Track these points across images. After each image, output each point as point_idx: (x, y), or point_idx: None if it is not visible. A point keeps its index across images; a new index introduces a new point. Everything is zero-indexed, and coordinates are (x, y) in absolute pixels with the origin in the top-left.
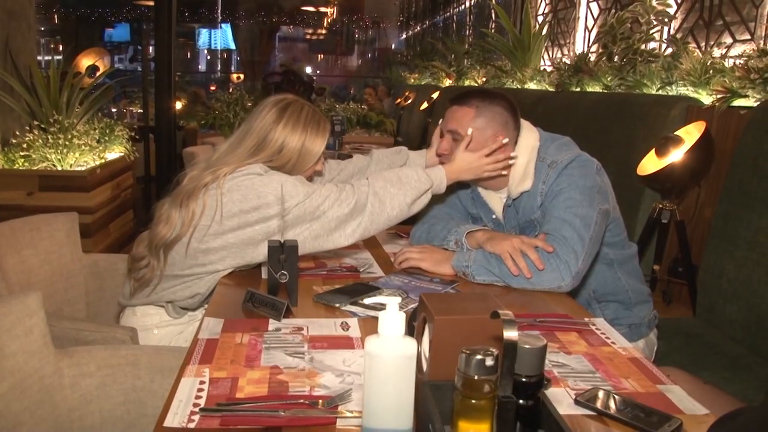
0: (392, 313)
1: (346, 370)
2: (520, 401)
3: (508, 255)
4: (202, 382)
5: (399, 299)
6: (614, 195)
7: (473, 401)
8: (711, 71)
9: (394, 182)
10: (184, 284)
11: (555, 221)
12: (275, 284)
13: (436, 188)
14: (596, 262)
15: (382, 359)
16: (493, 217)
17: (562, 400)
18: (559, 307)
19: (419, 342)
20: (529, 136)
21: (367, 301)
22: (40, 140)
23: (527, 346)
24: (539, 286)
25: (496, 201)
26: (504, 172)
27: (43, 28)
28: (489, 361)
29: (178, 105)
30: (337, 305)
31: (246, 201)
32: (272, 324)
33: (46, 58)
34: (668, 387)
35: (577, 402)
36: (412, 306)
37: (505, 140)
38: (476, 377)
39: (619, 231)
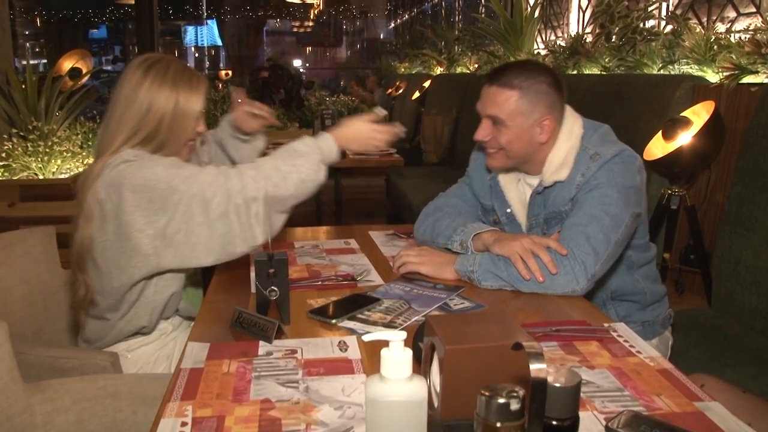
0: (397, 352)
1: (345, 401)
2: None
3: (518, 257)
4: (183, 423)
5: (404, 335)
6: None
7: None
8: (716, 47)
9: (285, 158)
10: (125, 320)
11: (582, 216)
12: (265, 301)
13: (327, 158)
14: (618, 264)
15: (387, 407)
16: (508, 210)
17: (591, 427)
18: (575, 311)
19: (427, 371)
20: (574, 123)
21: (367, 338)
22: (19, 148)
23: (558, 385)
24: (552, 291)
25: (513, 193)
26: (387, 137)
27: (27, 32)
28: (514, 405)
29: None
30: (333, 322)
31: (123, 200)
32: (263, 347)
33: (32, 62)
34: (707, 404)
35: (608, 429)
36: (416, 319)
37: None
38: (499, 424)
39: (644, 233)
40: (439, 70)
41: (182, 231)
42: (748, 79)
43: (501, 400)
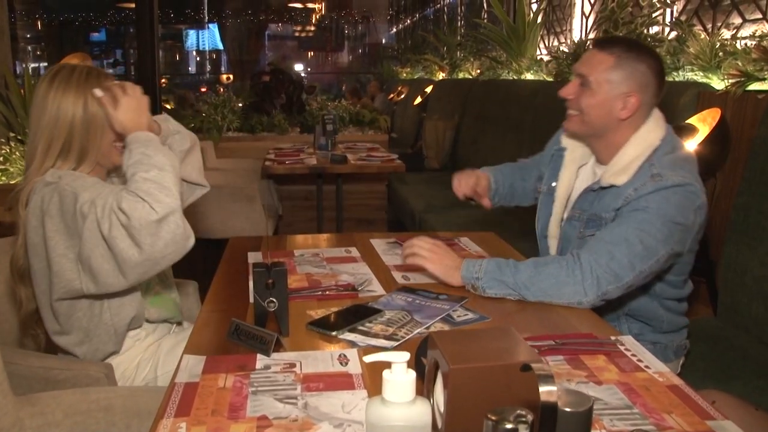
0: (399, 375)
1: (345, 419)
2: None
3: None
4: None
5: (407, 356)
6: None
7: None
8: (721, 54)
9: (146, 168)
10: (91, 350)
11: (616, 234)
12: (263, 313)
13: (159, 140)
14: (642, 290)
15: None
16: (552, 184)
17: None
18: (581, 323)
19: (430, 389)
20: (654, 129)
21: (368, 359)
22: (17, 152)
23: (569, 409)
24: (557, 300)
25: (568, 174)
26: None
27: (28, 35)
28: (522, 430)
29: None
30: (333, 334)
31: (45, 225)
32: (260, 360)
33: (33, 65)
34: (720, 423)
35: None
36: (419, 331)
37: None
38: None
39: (682, 272)
40: (441, 76)
41: (91, 257)
42: (754, 86)
43: (508, 426)
